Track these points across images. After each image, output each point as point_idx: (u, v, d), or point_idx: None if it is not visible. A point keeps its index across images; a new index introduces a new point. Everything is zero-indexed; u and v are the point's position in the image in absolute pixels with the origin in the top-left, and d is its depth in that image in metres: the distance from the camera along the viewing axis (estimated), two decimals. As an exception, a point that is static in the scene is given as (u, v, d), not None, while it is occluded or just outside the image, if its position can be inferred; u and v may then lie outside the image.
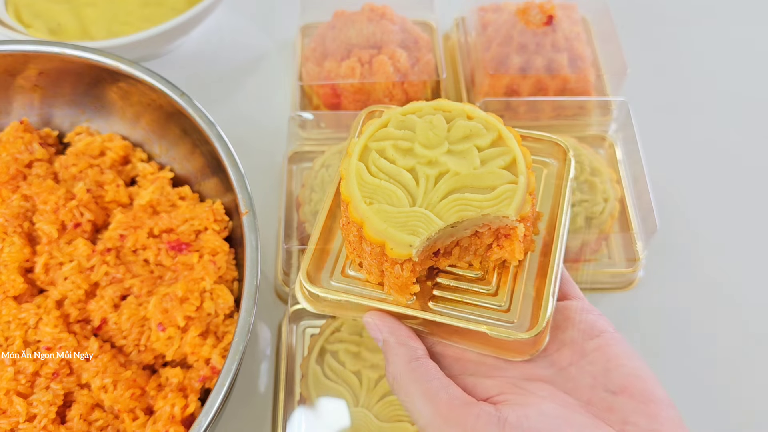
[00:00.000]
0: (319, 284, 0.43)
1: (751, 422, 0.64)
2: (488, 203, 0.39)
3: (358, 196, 0.40)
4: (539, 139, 0.48)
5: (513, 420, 0.35)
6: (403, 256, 0.38)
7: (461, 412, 0.36)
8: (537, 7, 0.78)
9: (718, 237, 0.75)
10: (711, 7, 0.97)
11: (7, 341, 0.55)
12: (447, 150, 0.41)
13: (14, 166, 0.64)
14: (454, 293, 0.43)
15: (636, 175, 0.73)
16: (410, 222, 0.39)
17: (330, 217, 0.45)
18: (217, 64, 0.89)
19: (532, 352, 0.40)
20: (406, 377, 0.39)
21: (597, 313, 0.42)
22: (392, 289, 0.41)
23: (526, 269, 0.43)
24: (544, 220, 0.45)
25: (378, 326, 0.41)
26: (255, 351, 0.66)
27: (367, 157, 0.42)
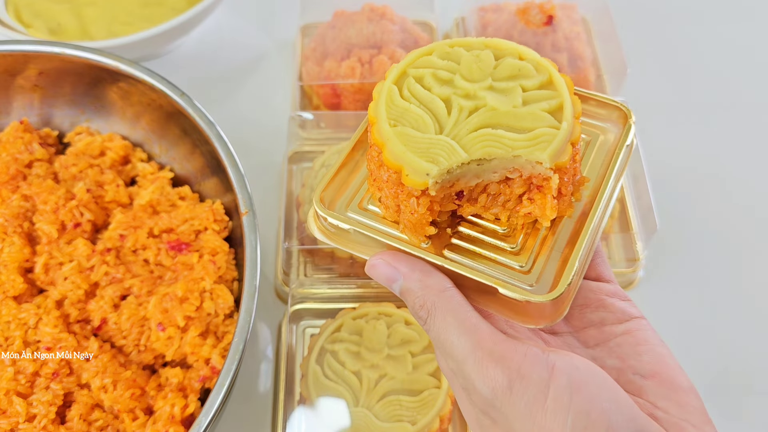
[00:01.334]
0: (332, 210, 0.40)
1: (751, 422, 0.64)
2: (521, 143, 0.36)
3: (384, 117, 0.37)
4: (599, 101, 0.44)
5: (562, 366, 0.32)
6: (419, 185, 0.35)
7: (507, 347, 0.33)
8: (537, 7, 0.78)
9: (718, 237, 0.75)
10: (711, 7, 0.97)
11: (7, 341, 0.55)
12: (489, 86, 0.38)
13: (14, 166, 0.64)
14: (474, 245, 0.39)
15: (636, 175, 0.73)
16: (432, 149, 0.36)
17: (358, 149, 0.43)
18: (217, 64, 0.89)
19: (549, 321, 0.36)
20: (441, 307, 0.35)
21: (628, 299, 0.40)
22: (407, 228, 0.38)
23: (558, 236, 0.39)
24: (589, 187, 0.41)
25: (392, 263, 0.37)
26: (255, 351, 0.66)
27: (403, 83, 0.39)
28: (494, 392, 0.33)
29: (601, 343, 0.38)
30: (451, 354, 0.35)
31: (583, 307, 0.40)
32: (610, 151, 0.43)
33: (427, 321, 0.36)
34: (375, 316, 0.62)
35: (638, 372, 0.36)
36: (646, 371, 0.36)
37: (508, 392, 0.32)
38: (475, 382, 0.34)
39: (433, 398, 0.58)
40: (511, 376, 0.32)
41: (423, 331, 0.61)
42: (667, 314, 0.70)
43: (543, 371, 0.32)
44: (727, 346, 0.68)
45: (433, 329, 0.36)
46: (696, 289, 0.72)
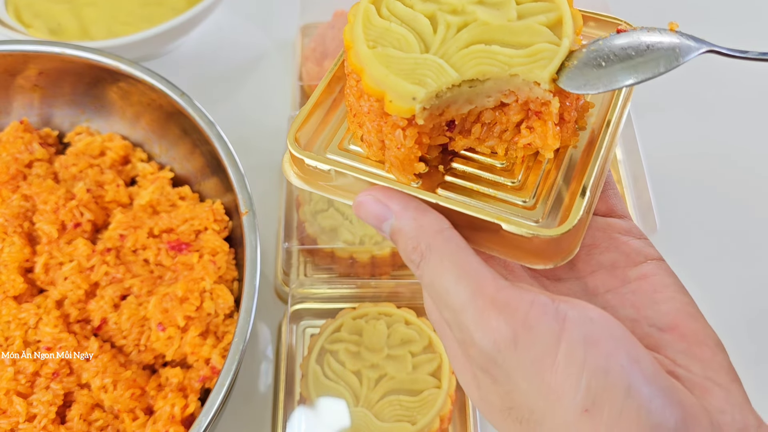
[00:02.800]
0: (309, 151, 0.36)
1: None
2: (519, 60, 0.32)
3: (361, 39, 0.33)
4: (600, 20, 0.40)
5: (574, 317, 0.28)
6: (404, 111, 0.31)
7: (511, 294, 0.29)
8: (537, 7, 0.78)
9: (718, 237, 0.75)
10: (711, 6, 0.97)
11: (7, 341, 0.55)
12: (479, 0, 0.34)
13: (14, 166, 0.64)
14: (470, 181, 0.35)
15: (636, 175, 0.73)
16: (418, 70, 0.32)
17: (333, 86, 0.38)
18: (217, 64, 0.89)
19: (558, 260, 0.32)
20: (437, 250, 0.31)
21: (644, 237, 0.35)
22: (393, 166, 0.34)
23: (563, 169, 0.35)
24: (594, 113, 0.37)
25: (382, 200, 0.32)
26: (255, 351, 0.66)
27: (381, 1, 0.35)
28: (497, 345, 0.28)
29: (613, 290, 0.33)
30: (446, 302, 0.30)
31: (592, 248, 0.35)
32: None
33: (420, 265, 0.31)
34: (375, 316, 0.62)
35: (655, 324, 0.32)
36: (664, 323, 0.32)
37: (513, 346, 0.28)
38: (474, 334, 0.29)
39: (433, 398, 0.58)
40: (516, 328, 0.28)
41: (423, 331, 0.61)
42: (667, 314, 0.70)
43: (553, 322, 0.28)
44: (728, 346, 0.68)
45: (426, 274, 0.31)
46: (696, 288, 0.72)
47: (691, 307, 0.33)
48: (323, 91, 0.37)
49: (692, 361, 0.31)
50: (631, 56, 0.32)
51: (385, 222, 0.33)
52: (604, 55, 0.33)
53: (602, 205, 0.37)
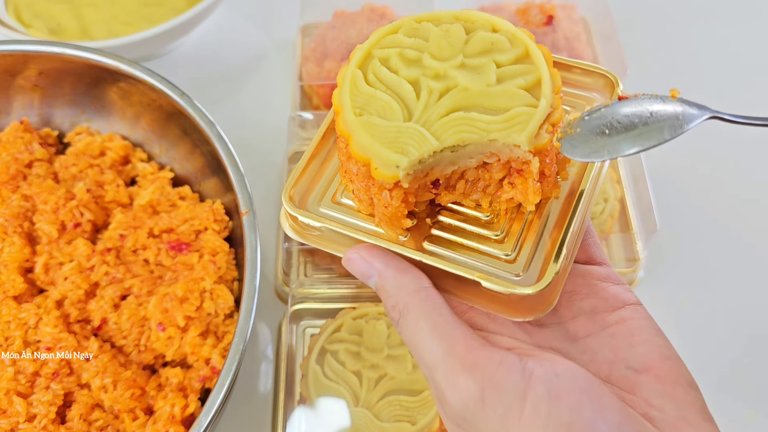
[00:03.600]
0: (303, 208, 0.37)
1: (751, 422, 0.64)
2: (496, 126, 0.33)
3: (348, 106, 0.35)
4: (583, 69, 0.41)
5: (540, 374, 0.30)
6: (389, 178, 0.33)
7: (480, 354, 0.31)
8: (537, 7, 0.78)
9: (718, 237, 0.75)
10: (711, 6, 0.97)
11: (7, 341, 0.55)
12: (460, 63, 0.35)
13: (14, 166, 0.64)
14: (455, 234, 0.36)
15: (636, 175, 0.73)
16: (401, 139, 0.33)
17: (328, 137, 0.40)
18: (217, 64, 0.89)
19: (537, 312, 0.34)
20: (413, 309, 0.33)
21: (622, 283, 0.37)
22: (382, 221, 0.36)
23: (545, 219, 0.36)
24: (576, 164, 0.38)
25: (367, 258, 0.35)
26: (255, 351, 0.66)
27: (368, 66, 0.36)
28: (465, 403, 0.30)
29: (593, 334, 0.35)
30: (422, 360, 0.32)
31: (573, 294, 0.36)
32: None
33: (399, 322, 0.34)
34: (375, 316, 0.62)
35: (632, 366, 0.33)
36: (640, 365, 0.33)
37: (481, 403, 0.30)
38: (445, 392, 0.31)
39: (432, 398, 0.58)
40: (483, 386, 0.30)
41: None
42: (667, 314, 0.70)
43: (519, 380, 0.30)
44: (728, 345, 0.68)
45: (404, 332, 0.33)
46: (696, 289, 0.72)
47: (665, 349, 0.34)
48: (318, 144, 0.39)
49: (666, 401, 0.32)
50: (635, 125, 0.33)
51: (370, 279, 0.35)
52: (608, 123, 0.34)
53: (582, 253, 0.38)
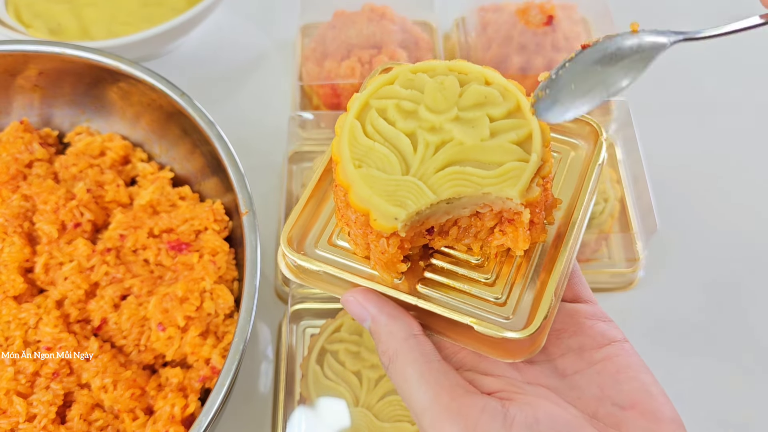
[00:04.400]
0: (301, 250, 0.39)
1: (751, 422, 0.64)
2: (490, 181, 0.35)
3: (347, 157, 0.36)
4: None
5: (521, 420, 0.32)
6: (388, 229, 0.34)
7: (464, 402, 0.32)
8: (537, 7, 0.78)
9: (718, 236, 0.75)
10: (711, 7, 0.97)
11: (7, 341, 0.55)
12: (455, 116, 0.37)
13: (14, 166, 0.64)
14: (447, 278, 0.38)
15: (636, 175, 0.73)
16: (399, 192, 0.35)
17: (325, 179, 0.41)
18: (217, 64, 0.89)
19: (526, 354, 0.36)
20: (402, 357, 0.34)
21: (609, 320, 0.38)
22: (378, 265, 0.37)
23: (533, 261, 0.38)
24: (562, 208, 0.40)
25: (362, 303, 0.36)
26: (255, 351, 0.66)
27: (366, 116, 0.38)
28: None
29: (580, 371, 0.36)
30: (410, 406, 0.34)
31: (561, 332, 0.38)
32: (582, 169, 0.42)
33: (389, 368, 0.35)
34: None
35: (617, 403, 0.34)
36: (625, 402, 0.34)
37: None
38: None
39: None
40: None
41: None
42: (667, 314, 0.70)
43: (501, 428, 0.31)
44: (728, 345, 0.68)
45: (393, 378, 0.35)
46: (696, 289, 0.72)
47: (651, 386, 0.35)
48: (315, 186, 0.40)
49: None
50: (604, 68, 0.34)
51: (365, 322, 0.37)
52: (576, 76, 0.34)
53: (569, 292, 0.40)
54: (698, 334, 0.69)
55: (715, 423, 0.64)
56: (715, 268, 0.73)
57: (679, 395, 0.64)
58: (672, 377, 0.66)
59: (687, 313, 0.70)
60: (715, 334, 0.69)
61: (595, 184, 0.41)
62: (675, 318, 0.70)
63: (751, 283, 0.72)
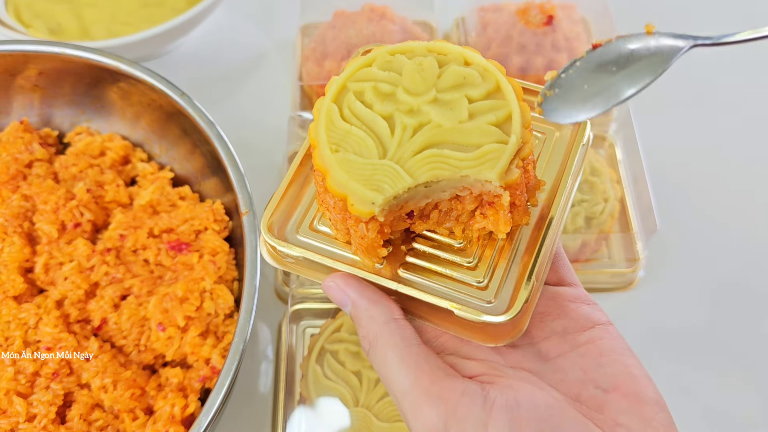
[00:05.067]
0: (282, 236, 0.38)
1: (750, 422, 0.64)
2: (468, 163, 0.34)
3: (324, 141, 0.36)
4: None
5: (501, 403, 0.31)
6: (365, 214, 0.34)
7: (444, 385, 0.32)
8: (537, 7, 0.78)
9: (718, 237, 0.75)
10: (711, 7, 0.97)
11: (7, 341, 0.55)
12: (433, 98, 0.36)
13: (14, 166, 0.64)
14: (429, 262, 0.38)
15: (636, 175, 0.73)
16: (376, 176, 0.34)
17: (306, 164, 0.41)
18: (217, 64, 0.89)
19: (507, 338, 0.35)
20: (383, 341, 0.34)
21: (593, 303, 0.38)
22: (359, 250, 0.37)
23: (516, 244, 0.38)
24: (545, 189, 0.39)
25: (342, 288, 0.36)
26: (255, 351, 0.66)
27: (343, 99, 0.37)
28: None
29: (563, 354, 0.36)
30: (390, 390, 0.34)
31: (544, 315, 0.37)
32: (566, 149, 0.41)
33: (369, 352, 0.35)
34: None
35: (600, 385, 0.34)
36: (608, 384, 0.34)
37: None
38: (410, 422, 0.32)
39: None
40: (446, 418, 0.31)
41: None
42: (667, 314, 0.70)
43: (480, 411, 0.31)
44: (728, 345, 0.68)
45: (374, 362, 0.35)
46: (696, 289, 0.72)
47: (634, 369, 0.35)
48: (296, 171, 0.40)
49: (633, 419, 0.33)
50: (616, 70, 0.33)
51: (346, 307, 0.36)
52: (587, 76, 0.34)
53: (553, 275, 0.39)
54: (698, 334, 0.69)
55: (715, 422, 0.64)
56: (715, 267, 0.73)
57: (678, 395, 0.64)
58: (672, 377, 0.66)
59: (687, 312, 0.70)
60: (715, 333, 0.69)
61: (580, 165, 0.40)
62: (675, 318, 0.70)
63: (751, 283, 0.72)
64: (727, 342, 0.68)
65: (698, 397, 0.65)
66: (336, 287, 0.36)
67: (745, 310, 0.70)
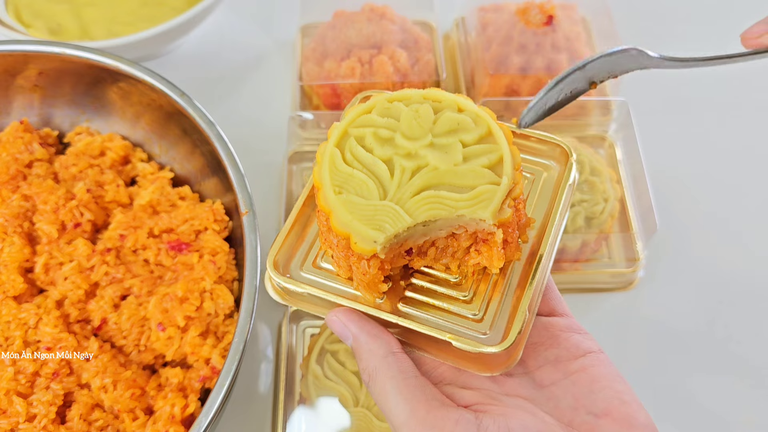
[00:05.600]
0: (287, 273, 0.41)
1: (752, 423, 0.64)
2: (464, 203, 0.37)
3: (328, 184, 0.38)
4: (541, 139, 0.45)
5: (494, 430, 0.34)
6: (368, 252, 0.36)
7: (439, 415, 0.34)
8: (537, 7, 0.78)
9: (718, 237, 0.75)
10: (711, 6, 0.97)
11: (7, 341, 0.55)
12: (429, 143, 0.39)
13: (14, 166, 0.64)
14: (427, 296, 0.40)
15: (636, 175, 0.73)
16: (377, 216, 0.37)
17: (309, 204, 0.43)
18: (217, 64, 0.89)
19: (502, 368, 0.38)
20: (381, 373, 0.36)
21: (584, 332, 0.40)
22: (360, 285, 0.39)
23: (508, 279, 0.41)
24: (535, 227, 0.43)
25: (344, 322, 0.39)
26: (255, 351, 0.66)
27: (345, 144, 0.40)
28: None
29: (556, 382, 0.37)
30: (389, 420, 0.36)
31: (538, 345, 0.39)
32: (554, 189, 0.44)
33: (369, 384, 0.37)
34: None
35: (592, 411, 0.36)
36: (599, 410, 0.36)
37: None
38: None
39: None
40: None
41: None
42: (666, 314, 0.70)
43: None
44: (728, 345, 0.68)
45: (373, 393, 0.37)
46: (696, 289, 0.72)
47: (625, 395, 0.36)
48: (299, 211, 0.42)
49: None
50: None
51: (347, 341, 0.39)
52: None
53: (545, 306, 0.42)
54: (698, 333, 0.69)
55: (715, 424, 0.64)
56: (715, 267, 0.73)
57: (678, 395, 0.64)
58: (671, 377, 0.66)
59: (687, 312, 0.70)
60: (715, 333, 0.69)
61: (567, 203, 0.43)
62: (675, 318, 0.70)
63: (751, 283, 0.72)
64: (727, 342, 0.68)
65: (698, 397, 0.65)
66: (338, 322, 0.39)
67: (745, 310, 0.70)
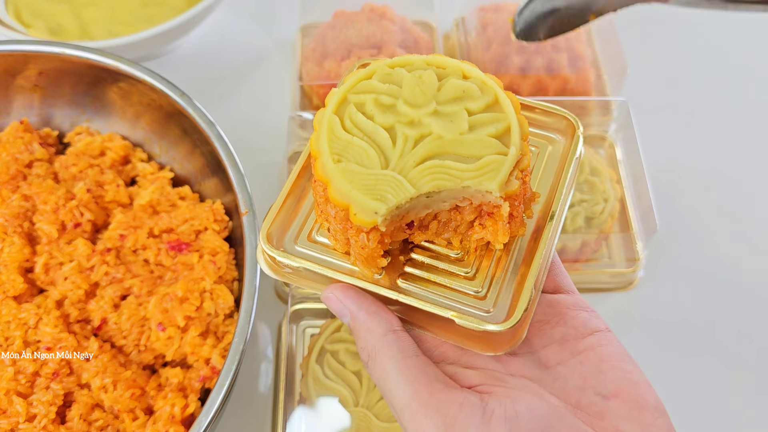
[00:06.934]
0: (281, 247, 0.39)
1: (751, 422, 0.64)
2: (469, 174, 0.35)
3: (327, 152, 0.36)
4: (547, 111, 0.43)
5: (500, 414, 0.31)
6: (368, 223, 0.34)
7: (442, 397, 0.32)
8: (537, 7, 0.78)
9: (718, 237, 0.75)
10: (711, 7, 0.97)
11: (7, 341, 0.55)
12: (433, 111, 0.37)
13: (14, 166, 0.64)
14: (428, 272, 0.38)
15: (636, 175, 0.73)
16: (378, 186, 0.35)
17: (303, 175, 0.41)
18: (217, 64, 0.89)
19: (507, 347, 0.36)
20: (381, 353, 0.34)
21: (591, 309, 0.38)
22: (358, 260, 0.37)
23: (513, 255, 0.38)
24: (540, 201, 0.40)
25: (341, 299, 0.36)
26: (255, 351, 0.66)
27: (344, 111, 0.38)
28: None
29: (563, 362, 0.36)
30: (389, 401, 0.34)
31: (543, 323, 0.38)
32: (560, 163, 0.42)
33: (368, 364, 0.35)
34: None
35: (600, 392, 0.34)
36: (608, 390, 0.34)
37: None
38: None
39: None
40: (445, 430, 0.31)
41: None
42: (667, 314, 0.70)
43: (479, 423, 0.31)
44: (728, 345, 0.68)
45: (373, 374, 0.35)
46: (696, 289, 0.72)
47: (634, 375, 0.35)
48: (294, 182, 0.40)
49: (634, 425, 0.33)
50: None
51: (344, 318, 0.37)
52: None
53: (550, 283, 0.40)
54: (698, 333, 0.69)
55: (715, 423, 0.64)
56: (715, 267, 0.73)
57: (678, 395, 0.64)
58: (671, 377, 0.66)
59: (687, 312, 0.70)
60: (715, 333, 0.69)
61: (573, 178, 0.41)
62: (675, 318, 0.70)
63: (751, 283, 0.72)
64: (727, 342, 0.68)
65: (698, 397, 0.65)
66: (335, 298, 0.37)
67: (745, 310, 0.70)
